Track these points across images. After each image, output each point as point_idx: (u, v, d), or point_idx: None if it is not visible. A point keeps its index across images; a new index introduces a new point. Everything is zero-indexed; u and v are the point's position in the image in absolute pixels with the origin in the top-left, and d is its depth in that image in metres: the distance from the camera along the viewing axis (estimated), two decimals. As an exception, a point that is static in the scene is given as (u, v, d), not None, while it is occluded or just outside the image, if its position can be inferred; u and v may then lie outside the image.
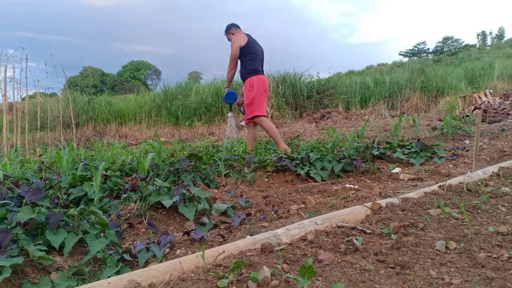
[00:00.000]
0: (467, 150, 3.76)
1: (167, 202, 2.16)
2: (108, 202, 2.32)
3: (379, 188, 2.48)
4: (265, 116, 4.36)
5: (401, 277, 1.17)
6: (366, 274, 1.18)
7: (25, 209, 1.66)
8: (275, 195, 2.63)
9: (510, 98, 8.56)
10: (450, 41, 57.45)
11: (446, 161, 3.33)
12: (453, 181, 2.21)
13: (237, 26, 4.46)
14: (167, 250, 1.70)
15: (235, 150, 4.10)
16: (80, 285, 1.26)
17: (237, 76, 5.00)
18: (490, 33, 59.55)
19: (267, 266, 1.15)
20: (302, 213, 2.09)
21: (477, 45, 46.90)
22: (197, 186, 2.64)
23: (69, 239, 1.64)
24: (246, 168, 3.27)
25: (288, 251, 1.33)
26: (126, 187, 2.44)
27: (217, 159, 3.49)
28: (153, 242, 1.72)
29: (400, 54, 56.16)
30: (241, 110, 4.79)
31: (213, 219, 2.16)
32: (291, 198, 2.54)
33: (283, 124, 10.47)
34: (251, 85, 4.28)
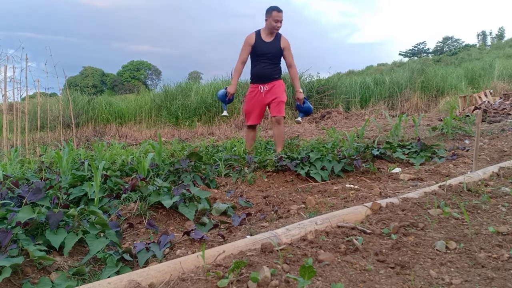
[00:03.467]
0: (467, 150, 3.76)
1: (167, 202, 2.16)
2: (108, 202, 2.32)
3: (379, 188, 2.48)
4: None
5: (401, 277, 1.17)
6: (366, 274, 1.18)
7: (25, 209, 1.66)
8: (275, 195, 2.63)
9: (510, 98, 8.56)
10: (450, 41, 57.51)
11: (446, 161, 3.33)
12: (453, 181, 2.21)
13: None
14: (167, 250, 1.70)
15: (235, 150, 4.10)
16: (80, 285, 1.26)
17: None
18: (490, 33, 59.67)
19: (267, 266, 1.15)
20: (302, 213, 2.09)
21: (477, 45, 46.95)
22: (197, 186, 2.64)
23: (69, 239, 1.64)
24: (246, 168, 3.27)
25: (288, 251, 1.33)
26: (126, 187, 2.44)
27: (217, 159, 3.49)
28: (153, 242, 1.72)
29: (400, 54, 56.26)
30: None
31: (213, 219, 2.16)
32: (291, 198, 2.54)
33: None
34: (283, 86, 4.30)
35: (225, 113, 4.52)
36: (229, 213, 2.27)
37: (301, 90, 4.43)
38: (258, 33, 4.15)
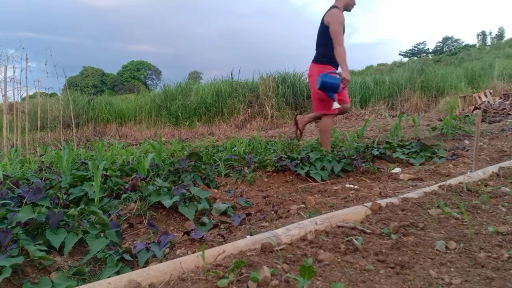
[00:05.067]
0: (467, 150, 3.76)
1: (167, 202, 2.16)
2: (108, 202, 2.32)
3: (379, 188, 2.48)
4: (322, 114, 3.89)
5: (401, 277, 1.17)
6: (366, 274, 1.18)
7: (25, 209, 1.67)
8: (275, 195, 2.63)
9: (510, 98, 8.56)
10: (450, 41, 57.60)
11: (446, 161, 3.33)
12: (453, 181, 2.21)
13: None
14: (167, 250, 1.70)
15: (235, 150, 4.10)
16: (80, 285, 1.26)
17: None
18: (490, 33, 59.83)
19: (267, 266, 1.15)
20: (302, 213, 2.09)
21: (477, 45, 47.00)
22: (197, 186, 2.64)
23: (69, 239, 1.64)
24: (246, 168, 3.27)
25: (288, 251, 1.33)
26: (126, 187, 2.44)
27: (217, 159, 3.49)
28: (153, 242, 1.72)
29: (400, 54, 56.34)
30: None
31: (213, 219, 2.16)
32: (291, 198, 2.54)
33: (283, 124, 10.47)
34: None
35: (336, 104, 3.75)
36: (229, 213, 2.27)
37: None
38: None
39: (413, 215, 1.67)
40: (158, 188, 2.33)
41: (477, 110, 7.54)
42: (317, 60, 3.88)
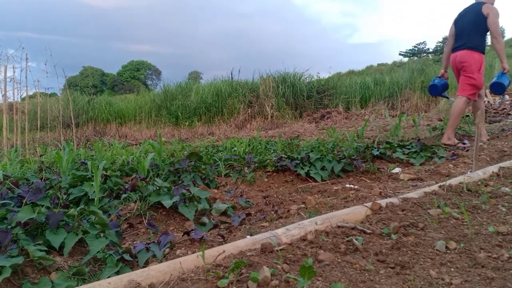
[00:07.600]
0: (467, 150, 3.76)
1: (167, 202, 2.16)
2: (108, 202, 2.32)
3: (379, 188, 2.48)
4: (463, 96, 4.20)
5: (401, 277, 1.16)
6: (366, 274, 1.18)
7: (25, 209, 1.67)
8: (275, 195, 2.63)
9: (510, 98, 8.56)
10: (450, 41, 57.38)
11: (446, 161, 3.33)
12: (453, 181, 2.20)
13: None
14: (167, 250, 1.70)
15: (235, 150, 4.10)
16: (80, 285, 1.26)
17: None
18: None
19: (267, 266, 1.15)
20: (302, 213, 2.09)
21: (477, 45, 46.79)
22: (197, 186, 2.64)
23: (69, 239, 1.64)
24: (246, 168, 3.27)
25: (288, 251, 1.33)
26: (126, 187, 2.44)
27: (217, 159, 3.49)
28: (153, 242, 1.72)
29: (400, 54, 56.11)
30: None
31: (213, 219, 2.16)
32: (291, 198, 2.54)
33: (283, 124, 10.46)
34: None
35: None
36: (229, 213, 2.27)
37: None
38: None
39: (413, 215, 1.67)
40: (158, 188, 2.33)
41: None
42: (472, 48, 4.16)
